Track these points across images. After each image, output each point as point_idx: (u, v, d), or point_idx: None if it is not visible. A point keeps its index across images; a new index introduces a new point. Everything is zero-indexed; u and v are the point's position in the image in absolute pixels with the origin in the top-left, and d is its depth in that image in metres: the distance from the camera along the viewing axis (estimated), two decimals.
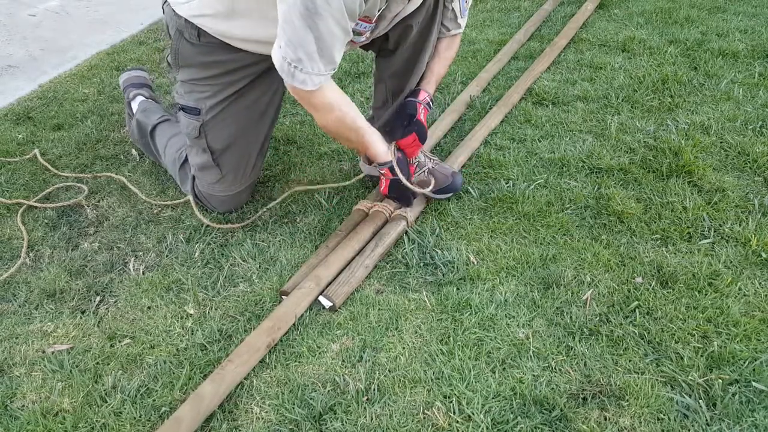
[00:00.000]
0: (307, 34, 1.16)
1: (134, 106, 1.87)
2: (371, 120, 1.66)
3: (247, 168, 1.57)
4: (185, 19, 1.42)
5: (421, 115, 1.51)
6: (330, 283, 1.35)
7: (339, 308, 1.32)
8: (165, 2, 1.50)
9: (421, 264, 1.43)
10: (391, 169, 1.45)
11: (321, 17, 1.14)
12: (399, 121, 1.51)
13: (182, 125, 1.56)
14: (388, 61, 1.54)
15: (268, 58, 1.35)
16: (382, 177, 1.49)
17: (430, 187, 1.53)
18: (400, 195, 1.51)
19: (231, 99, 1.48)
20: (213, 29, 1.40)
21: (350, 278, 1.35)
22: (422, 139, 1.52)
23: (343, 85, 2.21)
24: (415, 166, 1.58)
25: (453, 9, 1.47)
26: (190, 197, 1.62)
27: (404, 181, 1.46)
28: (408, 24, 1.42)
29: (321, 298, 1.32)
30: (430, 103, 1.56)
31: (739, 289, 1.32)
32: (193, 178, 1.59)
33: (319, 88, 1.27)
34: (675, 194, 1.60)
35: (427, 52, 1.51)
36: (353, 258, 1.42)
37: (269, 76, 1.49)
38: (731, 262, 1.39)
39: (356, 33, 1.33)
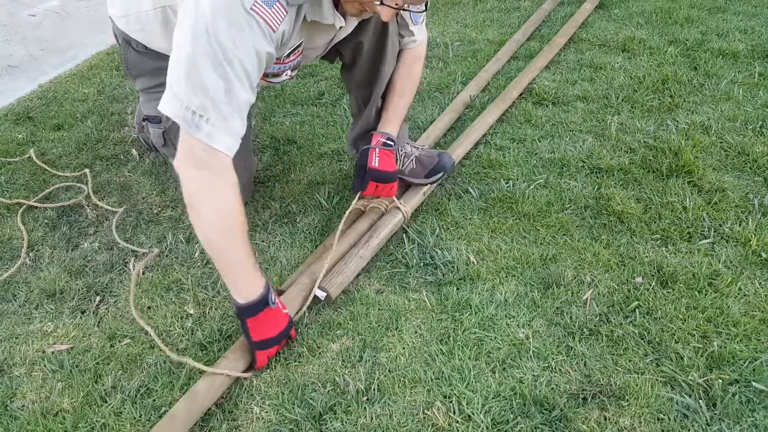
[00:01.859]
0: (217, 80, 1.05)
1: None
2: (350, 126, 1.66)
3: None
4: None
5: (374, 160, 1.45)
6: (325, 275, 1.34)
7: (335, 300, 1.32)
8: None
9: (421, 264, 1.43)
10: (261, 304, 1.14)
11: (232, 65, 1.05)
12: (358, 176, 1.48)
13: (151, 135, 1.56)
14: (351, 74, 1.52)
15: None
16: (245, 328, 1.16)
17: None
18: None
19: None
20: (153, 45, 1.41)
21: (344, 269, 1.35)
22: (384, 180, 1.47)
23: (341, 85, 2.21)
24: (402, 156, 1.58)
25: (402, 16, 1.44)
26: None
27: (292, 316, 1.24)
28: (358, 40, 1.40)
29: (316, 290, 1.31)
30: (388, 142, 1.49)
31: (739, 289, 1.32)
32: None
33: (226, 154, 1.09)
34: (675, 194, 1.60)
35: (386, 62, 1.47)
36: (348, 251, 1.42)
37: None
38: (731, 262, 1.39)
39: (273, 75, 1.31)
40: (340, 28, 1.29)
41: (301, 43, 1.30)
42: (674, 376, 1.15)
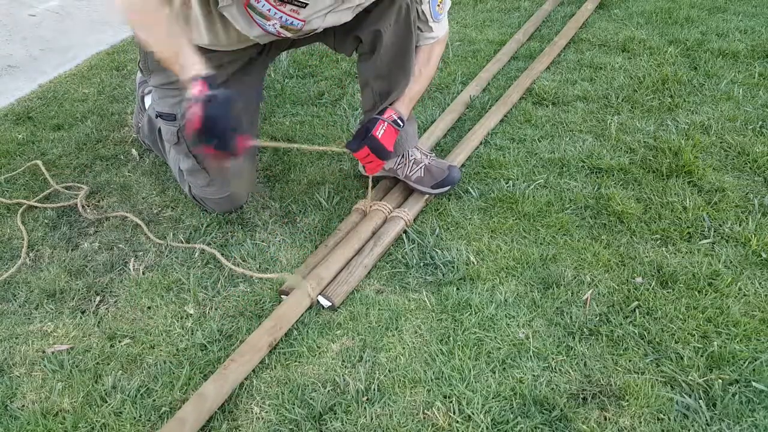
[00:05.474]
0: None
1: (147, 101, 1.87)
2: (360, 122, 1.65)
3: (235, 170, 1.55)
4: None
5: (380, 131, 1.43)
6: (329, 283, 1.35)
7: (338, 308, 1.32)
8: None
9: (421, 264, 1.43)
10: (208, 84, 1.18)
11: None
12: (357, 135, 1.48)
13: (163, 132, 1.56)
14: (371, 65, 1.50)
15: (238, 59, 1.34)
16: (192, 105, 1.16)
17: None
18: (218, 132, 1.16)
19: None
20: None
21: (349, 278, 1.36)
22: (379, 154, 1.45)
23: (343, 85, 2.21)
24: (411, 162, 1.58)
25: (423, 11, 1.43)
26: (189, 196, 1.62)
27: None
28: (376, 29, 1.39)
29: (320, 298, 1.32)
30: (398, 121, 1.47)
31: (739, 289, 1.32)
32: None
33: None
34: (675, 194, 1.60)
35: (410, 55, 1.46)
36: (353, 257, 1.42)
37: (242, 77, 1.48)
38: (731, 262, 1.39)
39: (259, 13, 1.28)
40: None
41: (306, 5, 1.27)
42: (674, 376, 1.15)
